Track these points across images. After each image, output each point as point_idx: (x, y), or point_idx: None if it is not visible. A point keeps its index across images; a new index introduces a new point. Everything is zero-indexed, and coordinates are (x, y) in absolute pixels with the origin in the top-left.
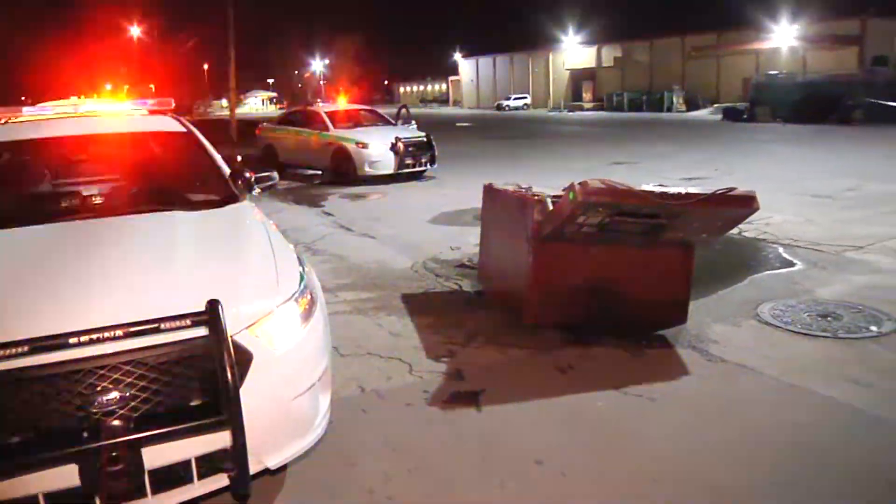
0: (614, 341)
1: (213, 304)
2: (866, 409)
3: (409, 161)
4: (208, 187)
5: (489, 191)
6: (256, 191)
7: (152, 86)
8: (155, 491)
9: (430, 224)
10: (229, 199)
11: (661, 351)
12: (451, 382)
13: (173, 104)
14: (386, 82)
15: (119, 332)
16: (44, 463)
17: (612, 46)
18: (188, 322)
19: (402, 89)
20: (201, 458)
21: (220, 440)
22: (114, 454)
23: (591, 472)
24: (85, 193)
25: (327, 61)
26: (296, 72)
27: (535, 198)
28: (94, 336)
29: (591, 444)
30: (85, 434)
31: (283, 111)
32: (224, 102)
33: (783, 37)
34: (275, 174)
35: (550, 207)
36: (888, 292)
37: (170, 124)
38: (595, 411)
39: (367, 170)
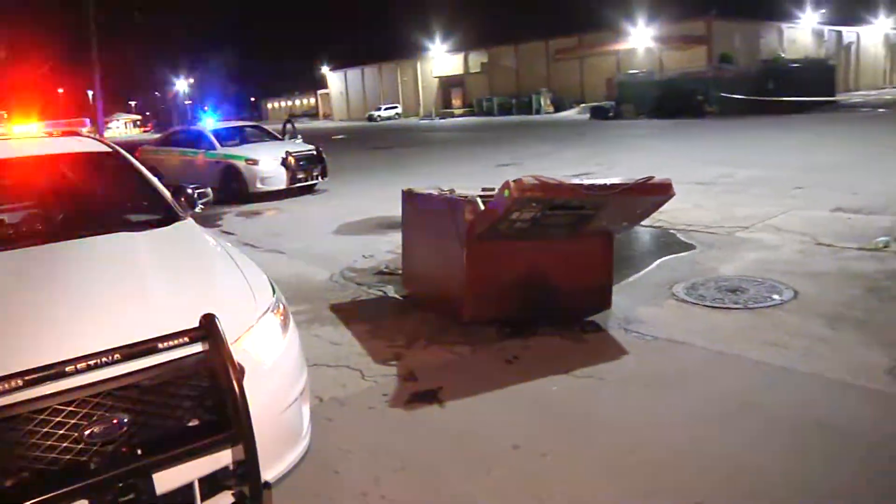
0: (550, 330)
1: (209, 318)
2: (788, 365)
3: (301, 175)
4: (146, 207)
5: (409, 196)
6: (199, 208)
7: (4, 113)
8: None
9: (335, 235)
10: (171, 217)
11: (597, 335)
12: (407, 384)
13: (88, 123)
14: (253, 99)
15: (117, 356)
16: (54, 503)
17: (478, 52)
18: (186, 339)
19: (269, 105)
20: (203, 479)
21: (222, 459)
22: (126, 483)
23: (569, 450)
24: (15, 220)
25: (191, 80)
26: (157, 94)
27: (466, 198)
28: (92, 362)
29: (560, 424)
30: (92, 466)
31: (151, 133)
32: (84, 129)
33: (640, 38)
34: (209, 190)
35: (482, 207)
36: (780, 265)
37: (94, 145)
38: (552, 395)
39: (259, 186)
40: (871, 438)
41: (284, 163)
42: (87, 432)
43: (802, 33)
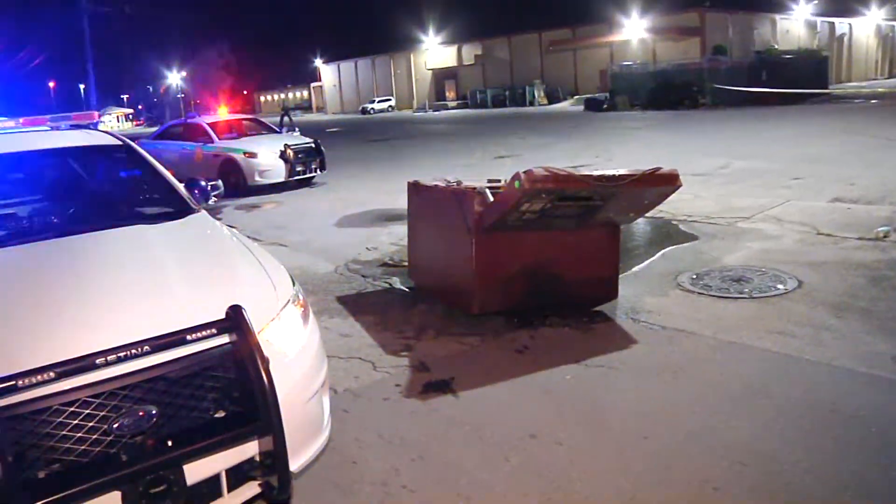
0: (559, 321)
1: (235, 310)
2: (796, 354)
3: (299, 168)
4: (159, 199)
5: (416, 188)
6: (212, 200)
7: None
8: None
9: (336, 228)
10: (184, 210)
11: (606, 325)
12: (419, 374)
13: (97, 116)
14: (245, 92)
15: (146, 348)
16: (86, 494)
17: (472, 45)
18: (213, 331)
19: (262, 98)
20: (230, 470)
21: (249, 450)
22: (158, 474)
23: (585, 438)
24: (29, 214)
25: (184, 74)
26: (149, 88)
27: (474, 190)
28: (122, 354)
29: (574, 413)
30: (123, 457)
31: (143, 127)
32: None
33: (633, 30)
34: (219, 183)
35: (491, 198)
36: (782, 255)
37: (104, 138)
38: (565, 384)
39: (258, 179)
40: (881, 424)
41: (283, 156)
42: (115, 424)
43: (796, 24)
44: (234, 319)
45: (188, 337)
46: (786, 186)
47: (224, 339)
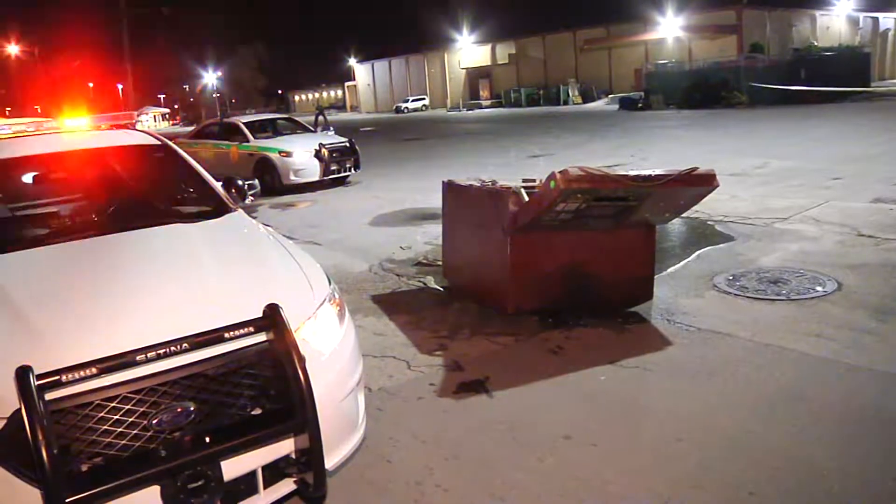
0: (593, 321)
1: (273, 308)
2: (834, 357)
3: (334, 167)
4: (197, 199)
5: (451, 187)
6: (249, 199)
7: (38, 107)
8: None
9: (371, 227)
10: (221, 209)
11: (641, 326)
12: (453, 374)
13: (136, 117)
14: (280, 91)
15: (185, 345)
16: (126, 488)
17: (506, 43)
18: (251, 329)
19: (297, 97)
20: (266, 467)
21: (284, 447)
22: (196, 470)
23: (619, 440)
24: (70, 213)
25: (219, 74)
26: (185, 87)
27: (509, 189)
28: (161, 351)
29: (609, 414)
30: (163, 452)
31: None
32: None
33: (669, 28)
34: (256, 182)
35: (526, 198)
36: (820, 256)
37: (144, 138)
38: (600, 385)
39: (293, 178)
40: None
41: (318, 155)
42: (155, 420)
43: (837, 20)
44: (272, 318)
45: (226, 335)
46: (825, 187)
47: (261, 337)
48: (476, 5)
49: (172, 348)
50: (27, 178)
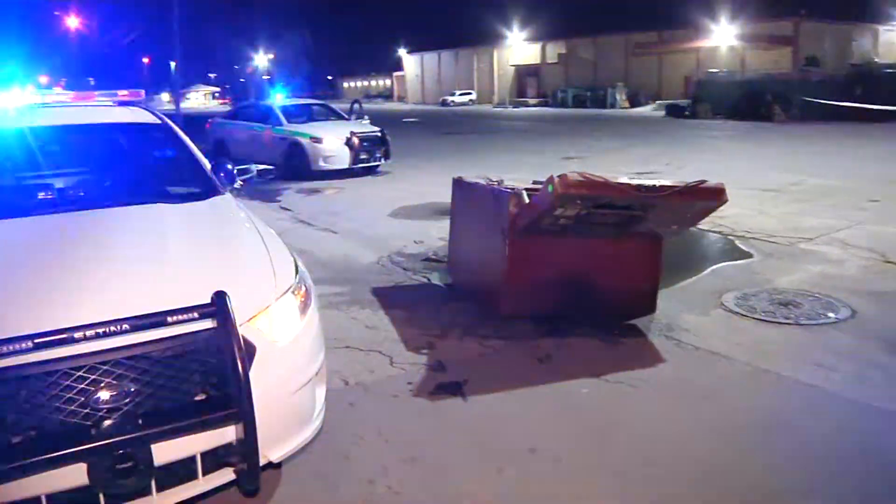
0: (588, 331)
1: (220, 296)
2: (833, 390)
3: (363, 156)
4: (187, 179)
5: (459, 184)
6: (238, 183)
7: (91, 79)
8: (160, 488)
9: (390, 218)
10: (210, 191)
11: (635, 340)
12: (434, 374)
13: (143, 95)
14: (329, 77)
15: (126, 326)
16: (54, 462)
17: (556, 43)
18: (195, 314)
19: (346, 84)
20: (206, 453)
21: (226, 435)
22: (125, 451)
23: (585, 458)
24: (60, 186)
25: (271, 56)
26: (236, 67)
27: (511, 190)
28: (101, 330)
29: (581, 430)
30: (93, 431)
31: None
32: (166, 97)
33: (722, 36)
34: (252, 167)
35: (527, 200)
36: (840, 281)
37: (144, 115)
38: (579, 399)
39: (322, 164)
40: None
41: (348, 142)
42: (91, 399)
43: None
44: (218, 305)
45: (169, 319)
46: (860, 208)
47: (208, 323)
48: (528, 3)
49: (112, 328)
50: (17, 149)
